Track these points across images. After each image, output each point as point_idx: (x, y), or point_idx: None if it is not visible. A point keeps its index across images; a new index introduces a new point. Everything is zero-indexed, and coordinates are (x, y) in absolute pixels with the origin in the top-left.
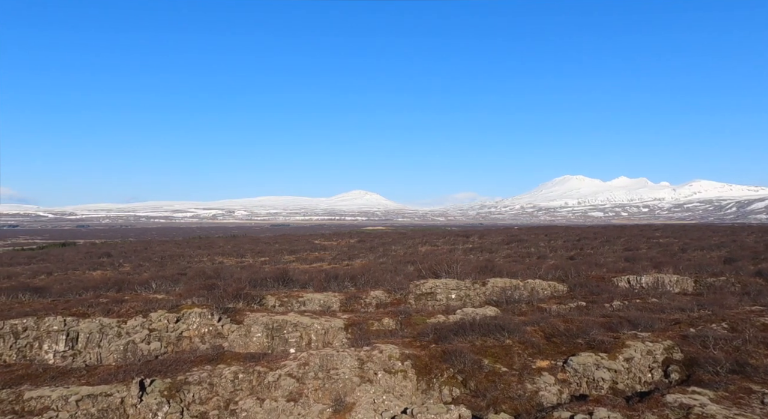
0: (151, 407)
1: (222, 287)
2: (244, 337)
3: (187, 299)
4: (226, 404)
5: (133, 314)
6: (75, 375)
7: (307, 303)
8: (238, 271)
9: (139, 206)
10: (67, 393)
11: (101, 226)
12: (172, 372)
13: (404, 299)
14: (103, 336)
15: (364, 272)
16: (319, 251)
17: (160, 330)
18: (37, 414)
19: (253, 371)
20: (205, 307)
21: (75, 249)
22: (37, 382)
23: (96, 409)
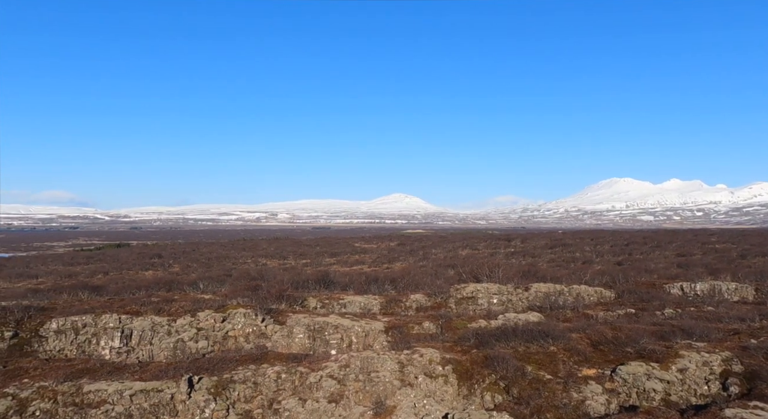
0: (199, 404)
1: (265, 289)
2: (286, 338)
3: (232, 300)
4: (269, 403)
5: (182, 313)
6: (129, 370)
7: (348, 306)
8: (280, 273)
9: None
10: (122, 387)
11: (153, 228)
12: (219, 371)
13: (445, 303)
14: (155, 333)
15: (404, 275)
16: (360, 254)
17: (207, 329)
18: (95, 406)
19: (295, 371)
20: (249, 307)
21: (129, 250)
22: (95, 376)
23: (148, 404)
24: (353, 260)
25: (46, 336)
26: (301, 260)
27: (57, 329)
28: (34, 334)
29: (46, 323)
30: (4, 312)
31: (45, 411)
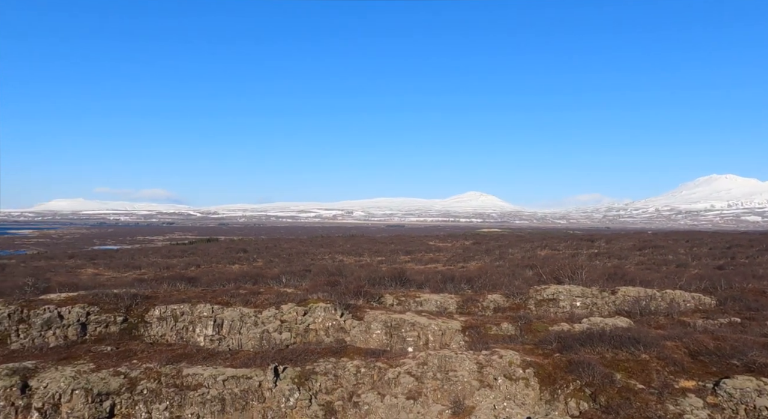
0: (284, 392)
1: (343, 285)
2: (364, 333)
3: (313, 294)
4: (349, 395)
5: (267, 305)
6: (221, 357)
7: (424, 304)
8: (357, 269)
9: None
10: (216, 372)
11: (238, 224)
12: (302, 362)
13: (524, 305)
14: (243, 323)
15: (481, 274)
16: (434, 253)
17: (290, 321)
18: (193, 389)
19: (374, 366)
20: (329, 302)
21: (217, 245)
22: (192, 361)
23: (239, 389)
24: (427, 258)
25: (150, 322)
26: (376, 257)
27: (159, 316)
28: (141, 320)
29: (150, 310)
30: (116, 299)
31: (151, 390)
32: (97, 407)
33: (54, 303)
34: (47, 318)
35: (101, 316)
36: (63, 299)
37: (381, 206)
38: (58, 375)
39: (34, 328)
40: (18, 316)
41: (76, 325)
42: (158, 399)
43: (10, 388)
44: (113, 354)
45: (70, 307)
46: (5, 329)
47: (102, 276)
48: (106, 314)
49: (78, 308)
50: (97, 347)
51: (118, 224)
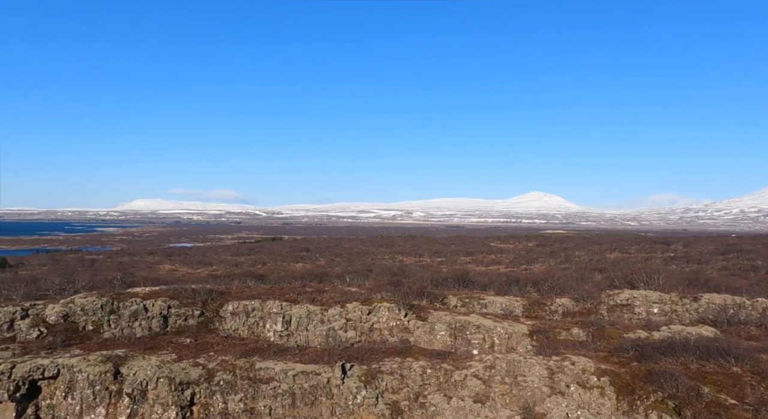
0: (352, 390)
1: (406, 285)
2: (428, 334)
3: (376, 294)
4: (415, 396)
5: (332, 303)
6: (290, 352)
7: (489, 306)
8: (418, 270)
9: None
10: (286, 367)
11: (301, 224)
12: (367, 360)
13: (595, 310)
14: (310, 320)
15: (547, 277)
16: (496, 254)
17: (355, 320)
18: (265, 382)
19: (440, 368)
20: (392, 302)
21: (282, 244)
22: (263, 355)
23: (308, 385)
24: (489, 259)
25: (224, 316)
26: (436, 258)
27: (232, 311)
28: (216, 314)
29: (224, 305)
30: (194, 294)
31: (227, 381)
32: (179, 395)
33: (139, 297)
34: (134, 310)
35: (180, 310)
36: (147, 292)
37: (440, 206)
38: (145, 364)
39: (123, 319)
40: (109, 307)
41: (159, 317)
42: (233, 391)
43: (104, 374)
44: (192, 345)
45: (153, 300)
46: (98, 319)
47: (178, 272)
48: (185, 308)
49: (160, 301)
50: (177, 338)
51: (191, 223)
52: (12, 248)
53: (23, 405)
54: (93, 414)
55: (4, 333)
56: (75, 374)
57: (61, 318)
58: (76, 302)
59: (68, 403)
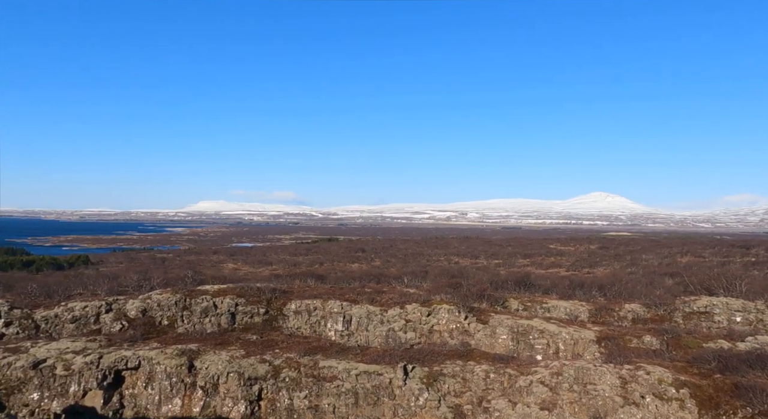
0: (414, 391)
1: (465, 287)
2: (489, 337)
3: (435, 296)
4: (479, 400)
5: (392, 304)
6: (352, 352)
7: (552, 310)
8: (479, 272)
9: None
10: (349, 367)
11: (356, 225)
12: (429, 362)
13: (668, 317)
14: (370, 321)
15: (614, 281)
16: (555, 256)
17: (414, 321)
18: (329, 380)
19: (503, 372)
20: (452, 304)
21: (338, 244)
22: (326, 354)
23: (370, 384)
24: (548, 262)
25: (287, 314)
26: (493, 260)
27: (295, 310)
28: (279, 313)
29: (287, 304)
30: (259, 293)
31: (292, 378)
32: (247, 390)
33: (209, 294)
34: (205, 307)
35: (247, 307)
36: (216, 290)
37: (496, 207)
38: (216, 359)
39: (195, 315)
40: (182, 304)
41: (227, 315)
42: (298, 388)
43: (180, 367)
44: (258, 342)
45: (222, 298)
46: (173, 314)
47: (240, 271)
48: (251, 306)
49: (228, 299)
50: (244, 335)
51: (252, 223)
52: (93, 247)
53: (109, 393)
54: (170, 404)
55: (91, 325)
56: (154, 366)
57: (140, 312)
58: (153, 299)
59: (148, 393)
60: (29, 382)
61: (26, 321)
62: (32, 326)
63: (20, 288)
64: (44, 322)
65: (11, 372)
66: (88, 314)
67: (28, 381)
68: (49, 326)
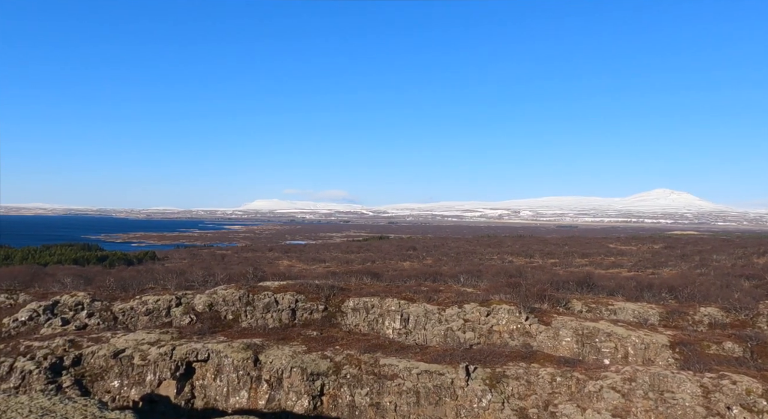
0: (476, 392)
1: (524, 287)
2: (552, 339)
3: (494, 295)
4: (545, 404)
5: (449, 303)
6: (411, 351)
7: (618, 312)
8: (532, 271)
9: (435, 206)
10: (410, 365)
11: (406, 223)
12: (490, 363)
13: (750, 322)
14: (427, 320)
15: (686, 283)
16: (616, 256)
17: (473, 321)
18: (390, 378)
19: (570, 376)
20: (512, 304)
21: (388, 242)
22: (386, 352)
23: (432, 384)
24: (608, 262)
25: (345, 311)
26: (549, 259)
27: (353, 307)
28: (338, 309)
29: (345, 301)
30: (318, 290)
31: (353, 375)
32: (310, 384)
33: (270, 290)
34: (267, 302)
35: (306, 304)
36: (276, 287)
37: (550, 205)
38: (280, 353)
39: (258, 310)
40: (246, 299)
41: (288, 310)
42: (360, 385)
43: (246, 360)
44: (318, 338)
45: (283, 294)
46: (237, 309)
47: (295, 268)
48: (310, 302)
49: (289, 295)
50: (305, 331)
51: (304, 221)
52: (158, 243)
53: (182, 384)
54: (237, 397)
55: (163, 318)
56: (222, 359)
57: (206, 307)
58: (218, 294)
59: (217, 385)
60: (110, 370)
61: (106, 312)
62: (111, 317)
63: (98, 282)
64: (121, 314)
65: (95, 361)
66: (160, 307)
67: (109, 369)
68: (125, 318)
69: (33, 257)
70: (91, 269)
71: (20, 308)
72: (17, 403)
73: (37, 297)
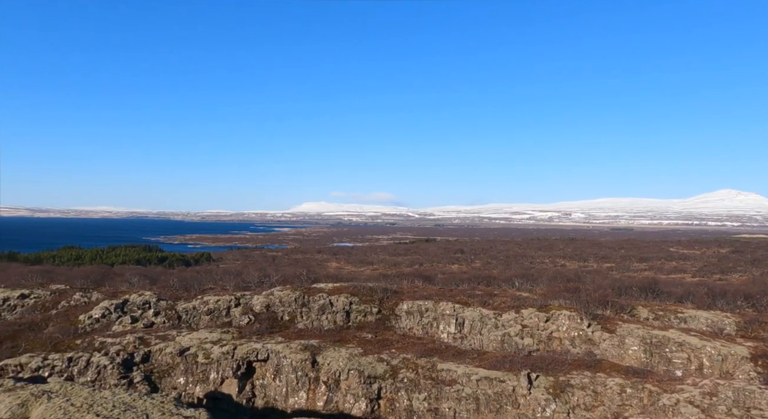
0: (539, 401)
1: (584, 292)
2: (617, 348)
3: (553, 301)
4: (613, 417)
5: (505, 308)
6: (468, 356)
7: (689, 320)
8: (591, 276)
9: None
10: (468, 371)
11: (452, 225)
12: (553, 371)
13: None
14: (483, 324)
15: (766, 291)
16: (677, 261)
17: (532, 327)
18: (448, 384)
19: (642, 388)
20: (573, 310)
21: (435, 245)
22: (443, 357)
23: (492, 391)
24: (670, 267)
25: (399, 315)
26: (604, 263)
27: (407, 310)
28: (391, 312)
29: (399, 304)
30: (371, 292)
31: (410, 379)
32: (367, 388)
33: (325, 292)
34: (322, 304)
35: (360, 306)
36: (331, 288)
37: (604, 207)
38: (336, 355)
39: (313, 312)
40: (301, 301)
41: (342, 313)
42: (417, 389)
43: (304, 361)
44: (373, 341)
45: (337, 296)
46: (293, 310)
47: (344, 270)
48: (364, 305)
49: (343, 297)
50: (359, 333)
51: (351, 224)
52: (212, 245)
53: (243, 383)
54: (296, 397)
55: (223, 318)
56: (281, 359)
57: (264, 307)
58: (274, 295)
59: (276, 385)
60: (176, 367)
61: (170, 311)
62: (175, 316)
63: (162, 282)
64: (185, 313)
65: (162, 358)
66: (220, 307)
67: (175, 366)
68: (188, 317)
69: (101, 257)
70: (154, 269)
71: (94, 305)
72: (102, 398)
73: (108, 296)
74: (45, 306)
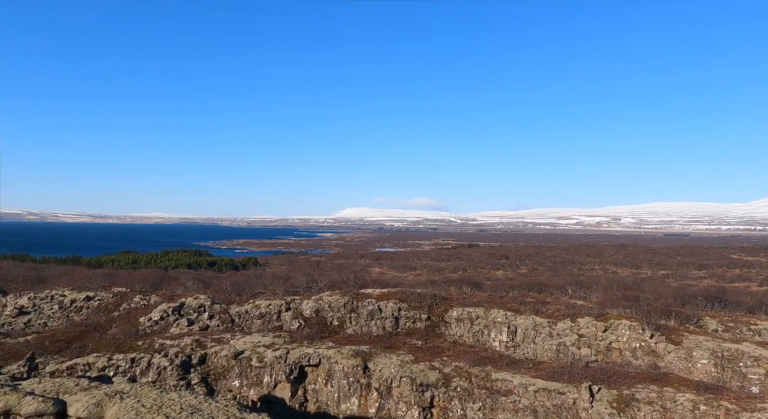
0: (603, 415)
1: (644, 301)
2: (683, 361)
3: (611, 310)
4: None
5: (560, 316)
6: (523, 366)
7: (763, 333)
8: (646, 284)
9: (526, 213)
10: (525, 381)
11: (495, 230)
12: (615, 384)
13: None
14: (537, 333)
15: None
16: (740, 268)
17: (589, 336)
18: (503, 394)
19: (718, 405)
20: (634, 320)
21: (479, 250)
22: (496, 366)
23: (551, 403)
24: (733, 275)
25: (449, 322)
26: (659, 270)
27: (457, 317)
28: (441, 319)
29: (449, 311)
30: (420, 299)
31: (463, 388)
32: (420, 395)
33: (373, 298)
34: (370, 310)
35: (409, 312)
36: (379, 294)
37: (656, 211)
38: (388, 362)
39: (362, 317)
40: (350, 306)
41: (391, 319)
42: (471, 399)
43: (356, 367)
44: (424, 348)
45: (386, 302)
46: (342, 316)
47: (386, 275)
48: (413, 311)
49: (392, 303)
50: (409, 340)
51: (393, 229)
52: (258, 250)
53: (295, 387)
54: (348, 403)
55: (274, 322)
56: (333, 364)
57: (313, 312)
58: (324, 300)
59: (328, 390)
60: (231, 370)
61: (224, 315)
62: (228, 320)
63: (215, 286)
64: (237, 317)
65: (217, 360)
66: (271, 311)
67: (230, 369)
68: (241, 320)
69: (155, 261)
70: (205, 273)
71: (152, 308)
72: (170, 399)
73: (165, 299)
74: (108, 308)
